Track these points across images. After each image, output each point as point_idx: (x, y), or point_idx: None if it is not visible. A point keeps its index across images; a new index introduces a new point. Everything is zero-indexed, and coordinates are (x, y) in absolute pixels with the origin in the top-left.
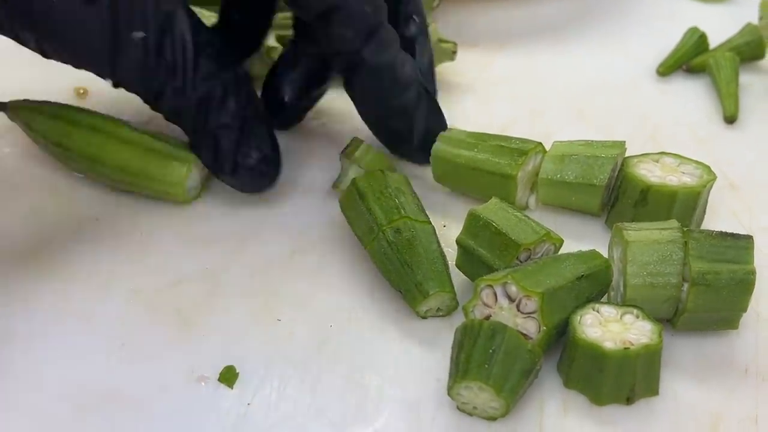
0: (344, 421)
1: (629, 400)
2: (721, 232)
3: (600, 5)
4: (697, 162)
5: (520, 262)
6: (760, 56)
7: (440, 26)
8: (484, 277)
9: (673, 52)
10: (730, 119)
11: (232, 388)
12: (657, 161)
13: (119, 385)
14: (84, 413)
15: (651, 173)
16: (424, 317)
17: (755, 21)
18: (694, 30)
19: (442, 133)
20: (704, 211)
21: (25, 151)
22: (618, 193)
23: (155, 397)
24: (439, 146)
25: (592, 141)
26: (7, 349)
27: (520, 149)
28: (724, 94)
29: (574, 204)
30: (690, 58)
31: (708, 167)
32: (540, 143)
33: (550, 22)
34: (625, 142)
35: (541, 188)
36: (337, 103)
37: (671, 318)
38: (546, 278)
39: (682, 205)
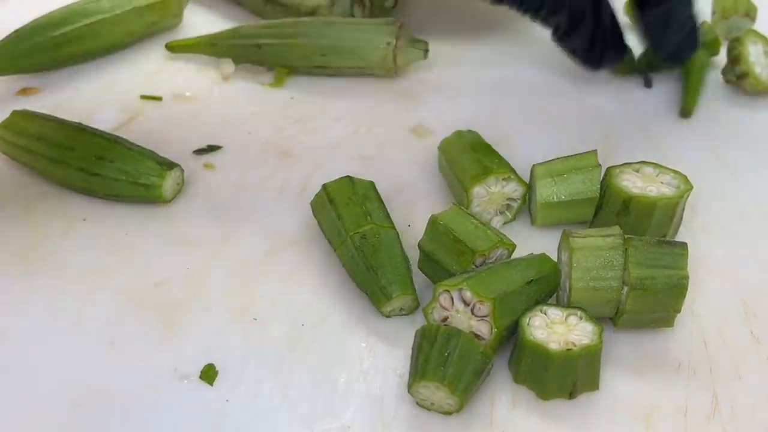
0: (314, 416)
1: (572, 395)
2: (659, 239)
3: None
4: (675, 171)
5: (476, 266)
6: (715, 53)
7: (407, 21)
8: (442, 283)
9: None
10: (687, 113)
11: (212, 386)
12: (638, 171)
13: (109, 383)
14: (76, 410)
15: (632, 184)
16: (388, 316)
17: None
18: None
19: (458, 130)
20: (681, 218)
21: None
22: (602, 202)
23: (142, 394)
24: (449, 139)
25: (567, 157)
26: (2, 347)
27: (488, 168)
28: (691, 87)
29: (571, 218)
30: None
31: (685, 177)
32: (511, 171)
33: (514, 15)
34: (596, 151)
35: (540, 212)
36: (307, 108)
37: (612, 317)
38: (498, 284)
39: (661, 215)
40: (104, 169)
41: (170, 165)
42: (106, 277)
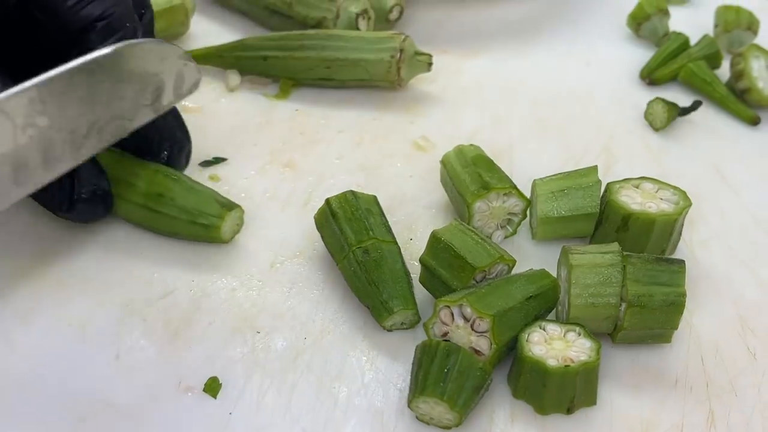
0: (315, 429)
1: (569, 411)
2: (657, 257)
3: (568, 9)
4: (674, 187)
5: (477, 282)
6: (717, 67)
7: (410, 34)
8: (443, 298)
9: (656, 55)
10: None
11: (215, 398)
12: (637, 186)
13: (113, 396)
14: (81, 423)
15: (632, 200)
16: (389, 330)
17: (712, 28)
18: (677, 35)
19: (459, 144)
20: (680, 234)
21: None
22: (602, 218)
23: (146, 406)
24: (450, 153)
25: (568, 172)
26: (11, 359)
27: (488, 184)
28: (730, 100)
29: (571, 233)
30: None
31: (684, 193)
32: (512, 186)
33: (518, 27)
34: (597, 166)
35: (540, 227)
36: (312, 120)
37: (611, 333)
38: (498, 300)
39: (660, 231)
40: (165, 207)
41: (230, 206)
42: (112, 290)
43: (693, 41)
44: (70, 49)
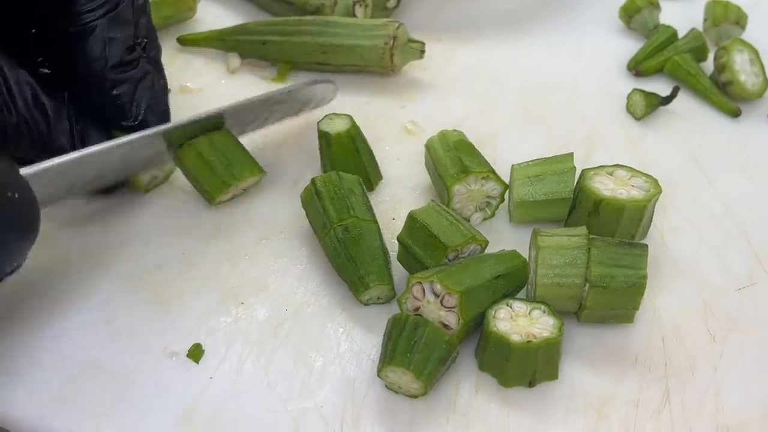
0: (290, 395)
1: (531, 384)
2: (621, 240)
3: (562, 0)
4: (646, 175)
5: (449, 260)
6: (703, 60)
7: (406, 21)
8: (415, 275)
9: (643, 47)
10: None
11: (198, 363)
12: (611, 174)
13: (103, 358)
14: (71, 382)
15: (604, 186)
16: (366, 304)
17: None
18: (666, 28)
19: (443, 129)
20: (650, 220)
21: None
22: (575, 203)
23: (133, 368)
24: (434, 138)
25: (545, 158)
26: (12, 325)
27: (468, 168)
28: (712, 92)
29: (546, 216)
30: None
31: (656, 180)
32: (491, 170)
33: (513, 17)
34: (572, 153)
35: (516, 210)
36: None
37: (576, 312)
38: (467, 278)
39: (630, 217)
40: None
41: None
42: (107, 260)
43: (683, 34)
44: (60, 19)
